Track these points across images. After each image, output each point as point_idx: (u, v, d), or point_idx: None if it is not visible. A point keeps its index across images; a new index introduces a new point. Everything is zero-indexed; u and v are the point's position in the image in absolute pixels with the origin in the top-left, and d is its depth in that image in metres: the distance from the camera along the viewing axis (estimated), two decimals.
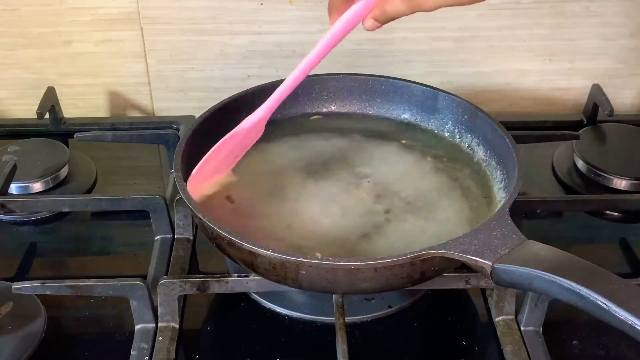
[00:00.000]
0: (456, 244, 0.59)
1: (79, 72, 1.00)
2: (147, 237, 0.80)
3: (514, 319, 0.70)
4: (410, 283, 0.63)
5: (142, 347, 0.67)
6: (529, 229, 0.80)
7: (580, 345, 0.69)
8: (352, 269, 0.60)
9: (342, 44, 0.98)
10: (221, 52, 0.98)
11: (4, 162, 0.87)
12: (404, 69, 0.99)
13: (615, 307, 0.50)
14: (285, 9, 0.95)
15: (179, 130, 0.96)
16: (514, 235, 0.59)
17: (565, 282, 0.53)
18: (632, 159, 0.91)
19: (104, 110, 1.03)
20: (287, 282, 0.62)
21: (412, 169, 0.78)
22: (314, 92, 0.85)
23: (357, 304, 0.72)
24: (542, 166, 0.93)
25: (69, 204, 0.82)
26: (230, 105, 0.79)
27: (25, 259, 0.80)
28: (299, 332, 0.71)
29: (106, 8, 0.94)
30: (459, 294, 0.74)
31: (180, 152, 0.71)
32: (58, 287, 0.66)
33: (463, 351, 0.69)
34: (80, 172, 0.91)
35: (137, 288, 0.67)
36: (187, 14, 0.95)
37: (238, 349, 0.69)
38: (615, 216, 0.86)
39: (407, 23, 0.96)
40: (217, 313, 0.73)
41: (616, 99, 0.99)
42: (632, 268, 0.79)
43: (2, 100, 1.02)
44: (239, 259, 0.64)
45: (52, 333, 0.68)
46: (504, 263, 0.56)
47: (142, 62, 0.99)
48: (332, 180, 0.76)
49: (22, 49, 0.98)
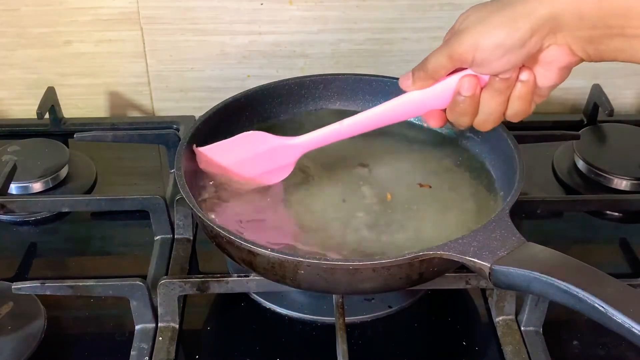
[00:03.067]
0: (455, 245, 0.59)
1: (79, 72, 1.00)
2: (147, 237, 0.80)
3: (514, 319, 0.70)
4: (410, 284, 0.63)
5: (142, 347, 0.67)
6: (529, 229, 0.81)
7: (580, 345, 0.69)
8: (350, 269, 0.60)
9: (342, 44, 0.98)
10: (221, 52, 0.98)
11: (4, 162, 0.87)
12: (404, 69, 0.97)
13: (613, 310, 0.50)
14: (285, 9, 0.95)
15: (179, 130, 0.96)
16: (513, 237, 0.59)
17: (563, 284, 0.53)
18: (632, 159, 0.91)
19: (104, 110, 1.03)
20: (285, 281, 0.63)
21: (415, 168, 0.78)
22: (318, 91, 0.85)
23: (357, 304, 0.72)
24: (542, 166, 0.93)
25: (69, 204, 0.82)
26: (231, 105, 0.80)
27: (25, 259, 0.80)
28: (299, 332, 0.71)
29: (106, 8, 0.94)
30: (459, 294, 0.74)
31: (182, 152, 0.71)
32: (58, 287, 0.66)
33: (463, 351, 0.69)
34: (80, 172, 0.91)
35: (137, 288, 0.67)
36: (187, 14, 0.95)
37: (238, 349, 0.69)
38: (615, 216, 0.85)
39: (407, 23, 0.97)
40: (217, 313, 0.73)
41: (616, 99, 0.99)
42: (632, 268, 0.79)
43: (2, 100, 1.02)
44: (238, 258, 0.64)
45: (52, 333, 0.68)
46: (502, 265, 0.56)
47: (142, 62, 0.99)
48: (335, 179, 0.76)
49: (22, 49, 0.98)
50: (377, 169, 0.78)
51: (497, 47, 0.57)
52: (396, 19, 0.96)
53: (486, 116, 0.63)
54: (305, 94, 0.84)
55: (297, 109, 0.84)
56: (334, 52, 0.99)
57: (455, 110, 0.64)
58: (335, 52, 0.99)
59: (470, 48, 0.59)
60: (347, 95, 0.85)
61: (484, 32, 0.58)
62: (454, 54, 0.60)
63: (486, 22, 0.58)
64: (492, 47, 0.57)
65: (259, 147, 0.72)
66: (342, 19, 0.96)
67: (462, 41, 0.59)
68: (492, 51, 0.58)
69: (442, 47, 0.62)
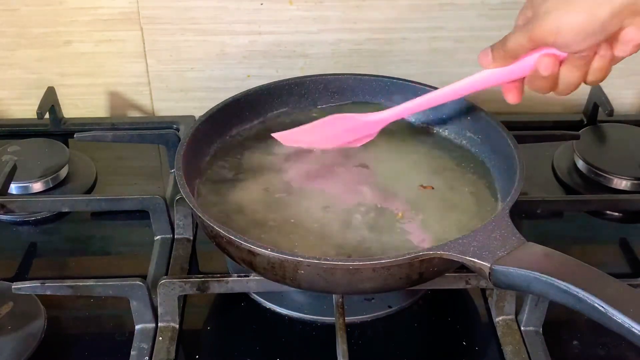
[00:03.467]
0: (455, 245, 0.60)
1: (79, 72, 1.00)
2: (147, 237, 0.80)
3: (514, 319, 0.70)
4: (409, 284, 0.63)
5: (142, 347, 0.67)
6: (529, 229, 0.81)
7: (580, 345, 0.69)
8: (350, 269, 0.60)
9: (342, 44, 0.98)
10: (221, 52, 0.98)
11: (4, 162, 0.87)
12: (404, 69, 0.99)
13: (613, 310, 0.50)
14: (285, 9, 0.95)
15: (179, 130, 0.96)
16: (513, 237, 0.59)
17: (563, 284, 0.53)
18: (632, 159, 0.91)
19: (104, 110, 1.03)
20: (285, 281, 0.63)
21: (414, 168, 0.78)
22: (318, 91, 0.85)
23: (357, 304, 0.72)
24: (542, 166, 0.93)
25: (69, 204, 0.82)
26: (231, 105, 0.80)
27: (25, 259, 0.80)
28: (299, 332, 0.71)
29: (106, 8, 0.94)
30: (459, 294, 0.74)
31: (182, 152, 0.71)
32: (58, 287, 0.66)
33: (463, 351, 0.69)
34: (80, 172, 0.91)
35: (137, 288, 0.67)
36: (187, 14, 0.95)
37: (238, 349, 0.69)
38: (615, 216, 0.86)
39: (407, 23, 0.97)
40: (217, 313, 0.73)
41: (616, 99, 0.99)
42: (632, 268, 0.79)
43: (2, 100, 1.02)
44: (238, 257, 0.64)
45: (52, 333, 0.68)
46: (502, 265, 0.57)
47: (142, 62, 0.99)
48: (336, 179, 0.76)
49: (22, 49, 0.98)
50: (378, 170, 0.78)
51: (578, 32, 0.59)
52: (396, 19, 0.96)
53: (566, 86, 0.64)
54: (305, 94, 0.84)
55: (297, 109, 0.84)
56: (334, 52, 0.99)
57: (535, 83, 0.65)
58: (335, 52, 0.99)
59: (551, 31, 0.60)
60: (347, 95, 0.85)
61: (565, 16, 0.59)
62: (535, 37, 0.61)
63: (568, 6, 0.58)
64: (574, 32, 0.59)
65: (342, 126, 0.78)
66: (342, 19, 0.96)
67: (544, 24, 0.60)
68: (573, 35, 0.59)
69: (523, 28, 0.62)
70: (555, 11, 0.59)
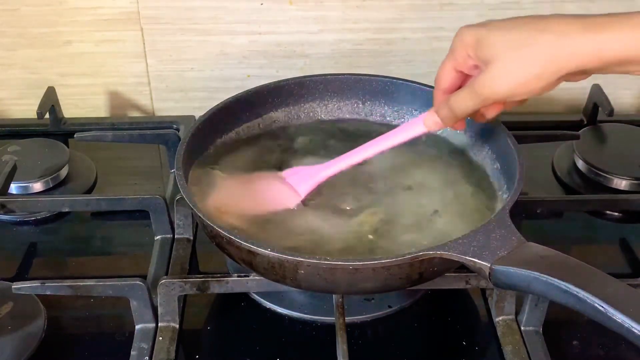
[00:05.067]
0: (455, 244, 0.59)
1: (79, 72, 1.00)
2: (147, 237, 0.80)
3: (514, 319, 0.70)
4: (410, 283, 0.63)
5: (142, 347, 0.67)
6: (529, 229, 0.80)
7: (580, 345, 0.69)
8: (350, 269, 0.60)
9: (342, 44, 0.98)
10: (221, 52, 0.98)
11: (4, 162, 0.87)
12: (404, 69, 0.99)
13: (613, 310, 0.50)
14: (285, 9, 0.95)
15: (179, 130, 0.96)
16: (513, 237, 0.59)
17: (563, 284, 0.53)
18: (632, 159, 0.91)
19: (104, 110, 1.03)
20: (285, 281, 0.63)
21: (414, 168, 0.78)
22: (318, 91, 0.84)
23: (357, 304, 0.72)
24: (542, 166, 0.93)
25: (69, 204, 0.82)
26: (231, 105, 0.80)
27: (25, 259, 0.80)
28: (299, 332, 0.71)
29: (106, 8, 0.95)
30: (459, 294, 0.74)
31: (182, 151, 0.71)
32: (58, 287, 0.66)
33: (463, 351, 0.69)
34: (80, 172, 0.91)
35: (137, 288, 0.67)
36: (187, 14, 0.95)
37: (238, 349, 0.69)
38: (615, 216, 0.86)
39: (407, 23, 0.97)
40: (217, 313, 0.73)
41: (616, 99, 0.99)
42: (632, 268, 0.79)
43: (2, 100, 1.02)
44: (238, 257, 0.64)
45: (52, 333, 0.68)
46: (502, 265, 0.56)
47: (142, 62, 0.99)
48: (333, 178, 0.76)
49: (22, 49, 0.98)
50: (377, 170, 0.77)
51: (524, 89, 0.60)
52: (396, 19, 0.96)
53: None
54: (305, 94, 0.84)
55: (297, 109, 0.84)
56: (334, 52, 0.99)
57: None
58: (335, 52, 0.99)
59: (498, 91, 0.61)
60: (347, 95, 0.85)
61: (510, 75, 0.59)
62: (483, 97, 0.62)
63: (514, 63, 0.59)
64: (520, 91, 0.60)
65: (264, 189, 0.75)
66: (342, 19, 0.96)
67: (492, 84, 0.60)
68: (518, 92, 0.60)
69: (469, 89, 0.63)
70: (502, 65, 0.59)
